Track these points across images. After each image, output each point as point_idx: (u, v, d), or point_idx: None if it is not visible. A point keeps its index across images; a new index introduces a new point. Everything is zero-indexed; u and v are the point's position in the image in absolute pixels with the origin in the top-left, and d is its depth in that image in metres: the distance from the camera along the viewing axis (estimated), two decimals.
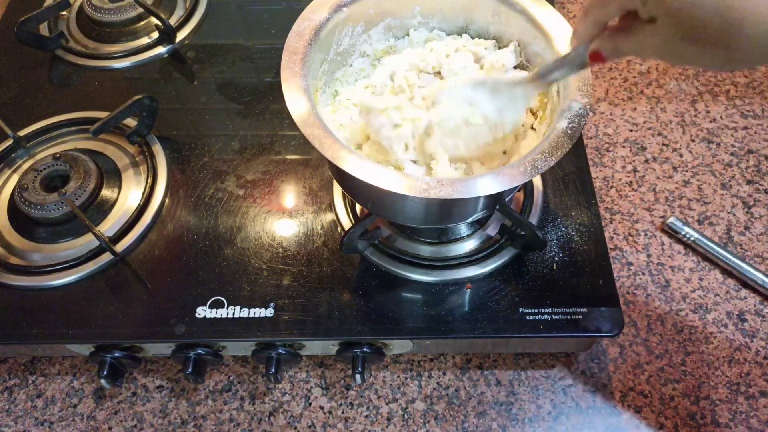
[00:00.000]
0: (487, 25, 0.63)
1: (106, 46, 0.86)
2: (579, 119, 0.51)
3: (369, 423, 0.63)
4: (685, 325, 0.67)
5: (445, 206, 0.54)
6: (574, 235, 0.66)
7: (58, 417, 0.65)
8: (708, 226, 0.74)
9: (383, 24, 0.62)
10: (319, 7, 0.56)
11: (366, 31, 0.61)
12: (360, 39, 0.62)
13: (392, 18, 0.62)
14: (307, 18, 0.56)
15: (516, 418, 0.63)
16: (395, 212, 0.59)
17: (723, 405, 0.63)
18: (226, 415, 0.64)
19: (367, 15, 0.60)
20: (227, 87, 0.81)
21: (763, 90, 0.85)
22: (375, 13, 0.60)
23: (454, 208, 0.55)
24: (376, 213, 0.60)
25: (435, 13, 0.63)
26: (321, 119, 0.51)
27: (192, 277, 0.64)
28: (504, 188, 0.48)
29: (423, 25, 0.64)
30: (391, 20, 0.62)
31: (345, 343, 0.62)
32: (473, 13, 0.63)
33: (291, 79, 0.52)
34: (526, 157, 0.49)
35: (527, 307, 0.61)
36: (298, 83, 0.52)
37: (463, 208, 0.56)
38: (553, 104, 0.56)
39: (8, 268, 0.66)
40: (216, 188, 0.71)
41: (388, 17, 0.61)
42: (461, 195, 0.47)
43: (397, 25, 0.63)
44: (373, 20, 0.61)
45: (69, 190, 0.68)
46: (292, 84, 0.52)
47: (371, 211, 0.60)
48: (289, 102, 0.51)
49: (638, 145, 0.81)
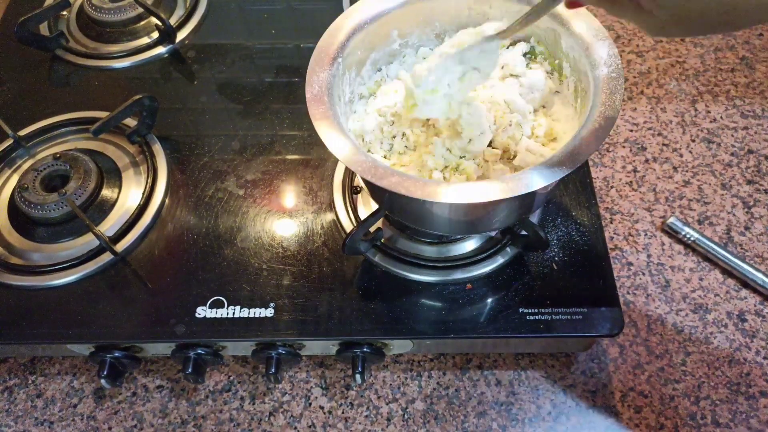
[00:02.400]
0: (465, 20, 0.63)
1: (106, 46, 0.86)
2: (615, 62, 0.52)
3: (369, 423, 0.63)
4: (686, 325, 0.67)
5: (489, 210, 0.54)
6: (574, 235, 0.66)
7: (58, 417, 0.65)
8: (708, 226, 0.74)
9: (370, 61, 0.63)
10: (320, 67, 0.57)
11: (358, 73, 0.62)
12: (355, 82, 0.62)
13: (375, 52, 0.63)
14: (314, 74, 0.56)
15: (516, 418, 0.63)
16: (428, 221, 0.59)
17: (723, 405, 0.63)
18: (226, 415, 0.64)
19: (357, 58, 0.61)
20: (227, 87, 0.81)
21: (763, 90, 0.85)
22: (361, 53, 0.61)
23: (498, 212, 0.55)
24: (413, 225, 0.60)
25: (412, 30, 0.63)
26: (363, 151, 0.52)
27: (192, 277, 0.64)
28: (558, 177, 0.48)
29: (404, 46, 0.64)
30: (375, 54, 0.63)
31: (345, 343, 0.62)
32: (447, 14, 0.63)
33: (323, 120, 0.53)
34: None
35: (527, 307, 0.61)
36: (331, 121, 0.53)
37: (506, 211, 0.56)
38: (572, 61, 0.57)
39: (8, 268, 0.66)
40: (216, 188, 0.71)
41: (372, 53, 0.62)
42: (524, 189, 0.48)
43: (380, 58, 0.64)
44: (362, 61, 0.62)
45: (69, 190, 0.68)
46: (326, 124, 0.53)
47: (411, 224, 0.60)
48: (328, 141, 0.51)
49: (638, 145, 0.81)
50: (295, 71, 0.82)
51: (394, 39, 0.63)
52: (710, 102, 0.84)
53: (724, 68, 0.88)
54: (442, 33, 0.64)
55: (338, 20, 0.59)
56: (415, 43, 0.64)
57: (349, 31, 0.59)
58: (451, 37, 0.64)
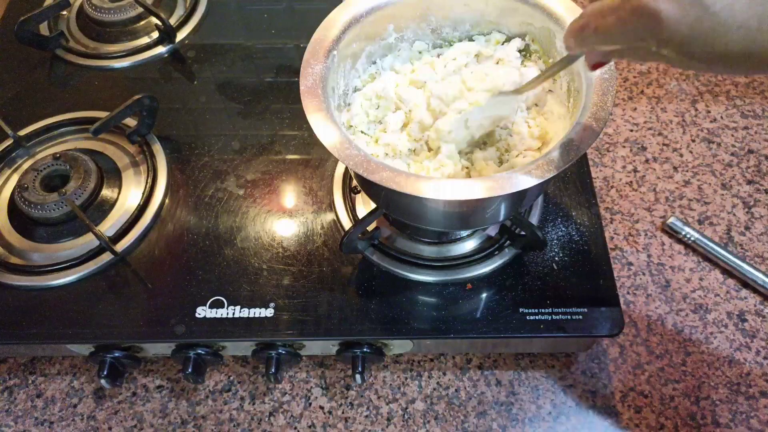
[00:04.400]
0: (461, 16, 0.63)
1: (106, 45, 0.86)
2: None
3: (369, 423, 0.63)
4: (686, 325, 0.67)
5: (478, 206, 0.55)
6: (574, 235, 0.66)
7: (58, 417, 0.65)
8: (708, 226, 0.74)
9: (365, 54, 0.63)
10: (315, 59, 0.57)
11: (353, 66, 0.62)
12: (350, 75, 0.62)
13: (371, 45, 0.63)
14: (309, 67, 0.56)
15: (516, 418, 0.63)
16: (419, 217, 0.59)
17: (723, 405, 0.63)
18: (226, 415, 0.64)
19: (352, 51, 0.61)
20: (227, 87, 0.81)
21: (763, 90, 0.85)
22: (357, 46, 0.61)
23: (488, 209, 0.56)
24: (407, 220, 0.60)
25: (408, 24, 0.63)
26: (353, 142, 0.52)
27: (192, 277, 0.64)
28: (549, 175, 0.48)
29: (399, 40, 0.64)
30: (370, 47, 0.63)
31: (345, 343, 0.62)
32: (443, 10, 0.63)
33: (316, 113, 0.53)
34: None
35: (527, 307, 0.61)
36: (325, 114, 0.53)
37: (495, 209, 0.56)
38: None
39: (8, 268, 0.66)
40: (216, 188, 0.71)
41: (368, 46, 0.62)
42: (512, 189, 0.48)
43: (376, 51, 0.64)
44: (357, 54, 0.62)
45: (69, 189, 0.68)
46: (318, 116, 0.52)
47: (406, 220, 0.60)
48: (320, 133, 0.51)
49: (638, 145, 0.81)
50: (295, 71, 0.81)
51: (390, 33, 0.63)
52: (710, 102, 0.84)
53: None
54: (438, 28, 0.64)
55: (334, 13, 0.59)
56: (410, 38, 0.64)
57: (345, 24, 0.58)
58: (446, 33, 0.64)
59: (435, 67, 0.63)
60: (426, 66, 0.64)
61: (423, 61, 0.65)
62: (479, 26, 0.64)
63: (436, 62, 0.64)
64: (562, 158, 0.48)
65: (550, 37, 0.59)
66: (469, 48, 0.63)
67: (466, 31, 0.64)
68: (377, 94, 0.62)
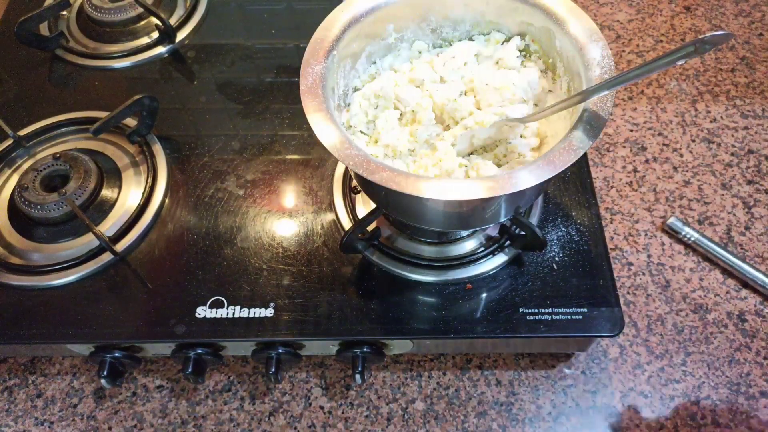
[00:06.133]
0: (461, 15, 0.63)
1: (106, 45, 0.86)
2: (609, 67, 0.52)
3: (369, 423, 0.63)
4: (686, 325, 0.67)
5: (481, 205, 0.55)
6: (574, 235, 0.66)
7: (58, 417, 0.65)
8: (708, 226, 0.74)
9: (365, 54, 0.63)
10: (315, 59, 0.57)
11: (353, 66, 0.62)
12: (350, 75, 0.62)
13: (371, 45, 0.62)
14: (309, 67, 0.56)
15: (516, 418, 0.63)
16: (419, 217, 0.59)
17: (723, 405, 0.63)
18: (226, 415, 0.64)
19: (352, 51, 0.60)
20: (227, 87, 0.81)
21: (763, 90, 0.85)
22: (356, 46, 0.61)
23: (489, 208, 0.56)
24: (407, 220, 0.60)
25: (408, 24, 0.63)
26: (354, 143, 0.52)
27: (192, 277, 0.64)
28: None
29: (399, 40, 0.64)
30: (370, 47, 0.63)
31: (345, 343, 0.62)
32: (443, 10, 0.63)
33: (316, 113, 0.53)
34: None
35: (527, 307, 0.61)
36: (325, 114, 0.53)
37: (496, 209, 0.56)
38: (565, 60, 0.57)
39: (8, 268, 0.66)
40: (216, 188, 0.71)
41: (368, 46, 0.62)
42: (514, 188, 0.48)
43: (375, 51, 0.64)
44: (357, 53, 0.62)
45: (69, 189, 0.68)
46: (318, 116, 0.52)
47: (408, 221, 0.61)
48: (320, 133, 0.51)
49: (638, 145, 0.81)
50: (295, 71, 0.81)
51: (390, 33, 0.63)
52: (710, 102, 0.84)
53: (724, 68, 0.88)
54: (438, 28, 0.64)
55: (334, 13, 0.59)
56: (410, 38, 0.64)
57: (345, 24, 0.58)
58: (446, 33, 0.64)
59: (434, 66, 0.63)
60: (425, 65, 0.64)
61: (422, 60, 0.65)
62: (479, 26, 0.64)
63: (435, 61, 0.64)
64: (562, 158, 0.48)
65: (550, 37, 0.59)
66: (468, 48, 0.63)
67: (465, 31, 0.65)
68: (376, 94, 0.62)
